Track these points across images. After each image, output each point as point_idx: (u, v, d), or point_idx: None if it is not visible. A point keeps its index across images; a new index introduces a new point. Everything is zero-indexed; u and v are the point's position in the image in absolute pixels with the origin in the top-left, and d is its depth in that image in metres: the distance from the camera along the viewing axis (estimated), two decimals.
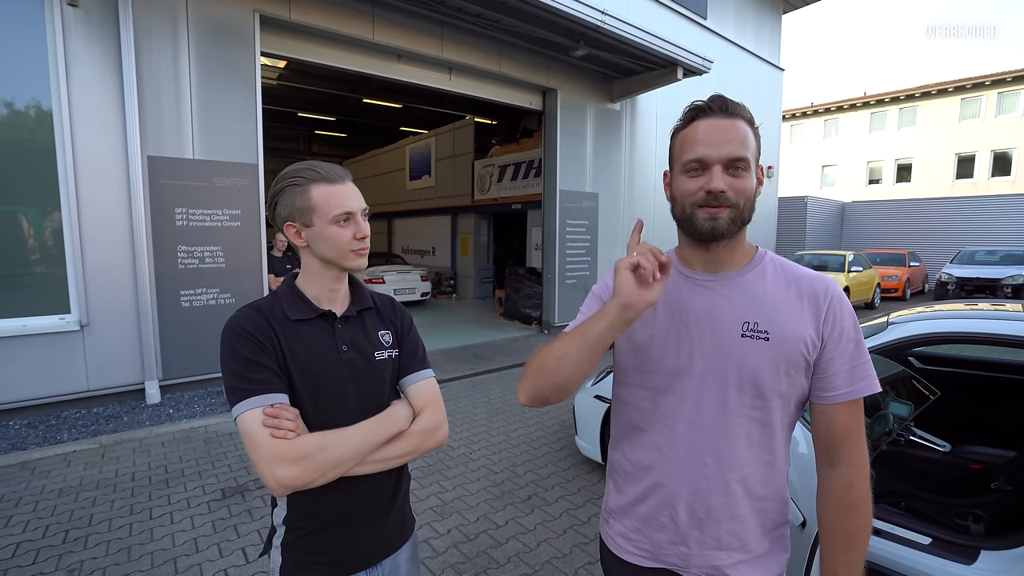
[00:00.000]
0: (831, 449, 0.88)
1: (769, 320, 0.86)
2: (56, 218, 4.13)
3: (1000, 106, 18.96)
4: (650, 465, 0.94)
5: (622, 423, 1.01)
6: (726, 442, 0.88)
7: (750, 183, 0.85)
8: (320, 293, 1.00)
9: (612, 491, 1.04)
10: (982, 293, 11.04)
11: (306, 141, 21.07)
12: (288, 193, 0.94)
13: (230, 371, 0.89)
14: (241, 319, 0.93)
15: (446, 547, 2.52)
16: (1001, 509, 1.89)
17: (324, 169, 0.96)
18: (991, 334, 1.77)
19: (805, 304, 0.87)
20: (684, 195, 0.87)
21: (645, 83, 8.09)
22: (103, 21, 4.17)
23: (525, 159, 10.81)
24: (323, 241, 0.95)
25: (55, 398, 4.16)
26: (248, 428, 0.85)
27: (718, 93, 0.88)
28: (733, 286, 0.90)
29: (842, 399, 0.86)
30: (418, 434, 1.00)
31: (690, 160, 0.85)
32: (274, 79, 11.18)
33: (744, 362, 0.86)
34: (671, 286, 0.94)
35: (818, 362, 0.86)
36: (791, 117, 24.03)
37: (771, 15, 12.47)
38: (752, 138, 0.86)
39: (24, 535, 2.55)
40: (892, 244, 16.55)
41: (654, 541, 0.95)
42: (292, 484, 0.84)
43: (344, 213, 0.94)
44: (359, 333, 1.02)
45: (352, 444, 0.90)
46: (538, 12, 5.79)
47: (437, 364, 6.16)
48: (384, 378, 1.03)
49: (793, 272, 0.91)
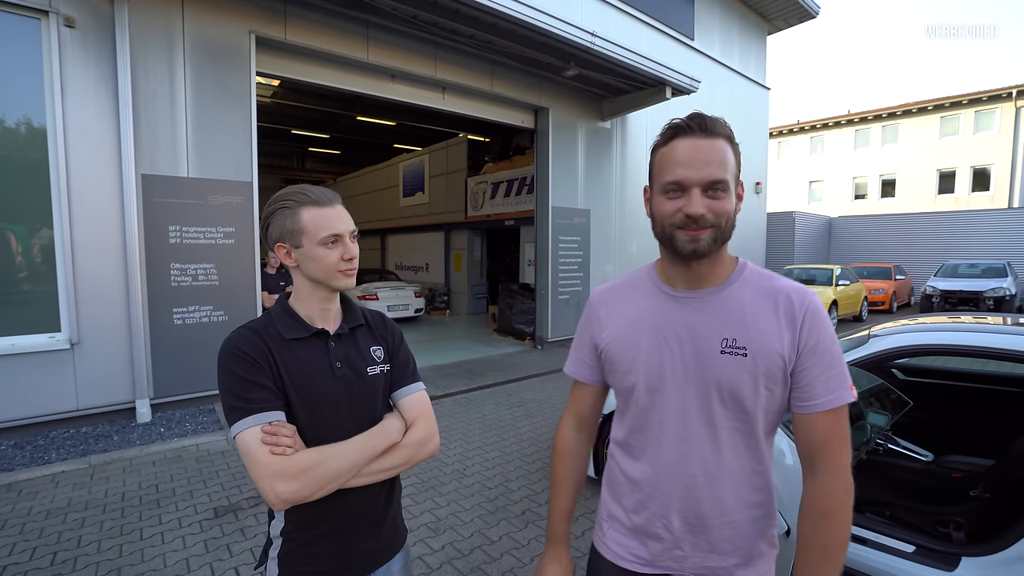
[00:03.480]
0: (811, 459, 0.89)
1: (747, 336, 0.88)
2: (48, 236, 4.13)
3: (977, 124, 19.54)
4: (642, 479, 0.97)
5: (617, 436, 1.05)
6: (714, 455, 0.90)
7: (729, 204, 0.86)
8: (312, 312, 1.03)
9: (608, 499, 1.06)
10: (966, 305, 11.25)
11: (300, 158, 21.16)
12: (279, 215, 0.98)
13: (228, 391, 0.92)
14: (238, 340, 0.96)
15: (440, 563, 2.51)
16: (981, 516, 1.94)
17: (314, 192, 1.00)
18: (970, 346, 1.83)
19: (782, 316, 0.88)
20: (663, 216, 0.88)
21: (634, 102, 8.28)
22: (99, 41, 4.23)
23: (518, 176, 10.95)
24: (312, 262, 0.98)
25: (43, 417, 4.11)
26: (247, 446, 0.88)
27: (697, 111, 0.89)
28: (712, 302, 0.92)
29: (820, 408, 0.86)
30: (410, 446, 1.03)
31: (669, 182, 0.86)
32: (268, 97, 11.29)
33: (725, 377, 0.88)
34: (653, 304, 0.97)
35: (795, 372, 0.87)
36: (778, 134, 24.60)
37: (756, 36, 12.85)
38: (731, 157, 0.86)
39: (11, 558, 2.51)
40: (878, 258, 16.84)
41: (651, 549, 0.98)
42: (292, 499, 0.88)
43: (332, 235, 0.98)
44: (352, 350, 1.06)
45: (348, 458, 0.94)
46: (529, 34, 5.95)
47: (431, 380, 6.15)
48: (377, 392, 1.06)
49: (771, 284, 0.92)
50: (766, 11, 12.67)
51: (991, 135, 19.19)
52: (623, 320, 0.99)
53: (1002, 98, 18.74)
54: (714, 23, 11.28)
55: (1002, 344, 1.77)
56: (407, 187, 15.35)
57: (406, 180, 15.43)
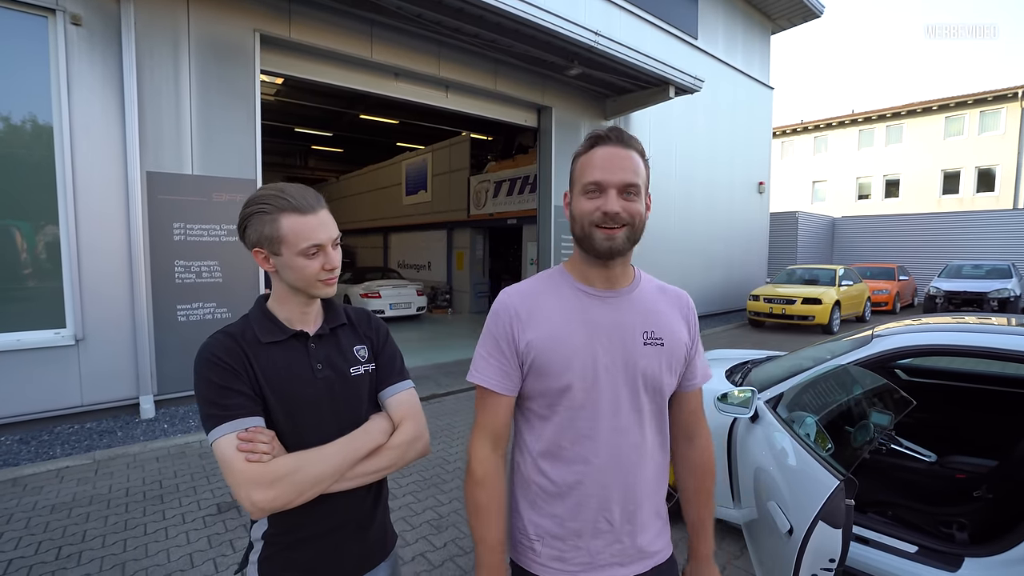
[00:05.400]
0: (689, 427, 1.11)
1: (662, 328, 1.00)
2: (53, 232, 4.15)
3: (982, 124, 19.45)
4: (577, 480, 0.97)
5: (540, 444, 1.01)
6: (640, 438, 0.99)
7: (641, 207, 0.95)
8: (291, 315, 1.00)
9: (533, 516, 1.01)
10: (969, 306, 11.20)
11: (303, 156, 21.21)
12: (257, 220, 0.93)
13: (203, 399, 0.89)
14: (212, 346, 0.93)
15: (442, 560, 2.52)
16: (984, 517, 1.94)
17: (295, 197, 0.93)
18: (974, 347, 1.83)
19: (677, 312, 1.05)
20: (582, 214, 0.95)
21: (638, 101, 8.27)
22: (106, 40, 4.25)
23: (520, 175, 10.95)
24: (291, 271, 0.94)
25: (48, 413, 4.14)
26: (223, 453, 0.85)
27: (615, 126, 0.98)
28: (629, 300, 1.01)
29: (697, 385, 1.08)
30: (398, 447, 1.00)
31: (589, 182, 0.94)
32: (272, 95, 11.32)
33: (648, 366, 0.98)
34: (578, 303, 0.99)
35: (687, 357, 1.05)
36: (781, 134, 24.52)
37: (760, 35, 12.81)
38: (643, 168, 0.96)
39: (16, 552, 2.53)
40: (881, 258, 16.79)
41: (591, 550, 0.97)
42: (270, 506, 0.85)
43: (313, 246, 0.93)
44: (333, 350, 1.02)
45: (329, 462, 0.91)
46: (533, 33, 5.95)
47: (433, 378, 6.17)
48: (361, 394, 1.03)
49: (661, 285, 1.09)
50: (770, 10, 12.63)
51: (996, 135, 19.09)
52: (550, 320, 0.97)
53: (1008, 98, 18.64)
54: (718, 22, 11.26)
55: (1006, 345, 1.76)
56: (410, 185, 15.37)
57: (409, 178, 15.45)
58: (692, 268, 11.00)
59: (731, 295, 12.44)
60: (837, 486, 1.31)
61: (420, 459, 1.04)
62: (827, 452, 1.60)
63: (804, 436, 1.68)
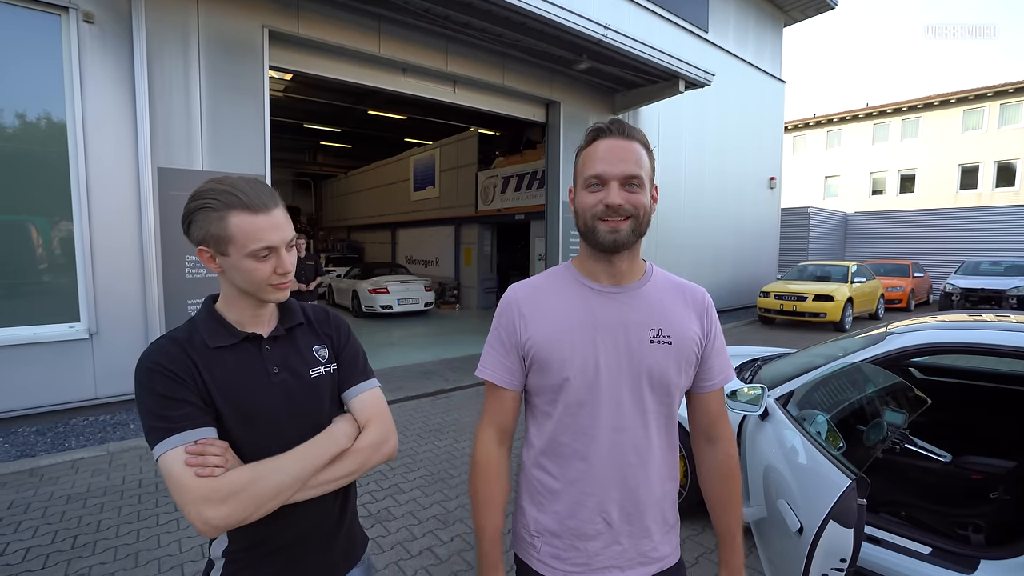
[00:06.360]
0: (710, 429, 1.05)
1: (670, 326, 0.97)
2: (67, 228, 4.21)
3: (1003, 117, 19.01)
4: (577, 478, 0.97)
5: (541, 441, 1.02)
6: (644, 439, 0.97)
7: (645, 198, 0.93)
8: (242, 317, 0.93)
9: (533, 513, 1.03)
10: (987, 304, 10.99)
11: (311, 152, 21.31)
12: (203, 216, 0.85)
13: (146, 411, 0.82)
14: (154, 353, 0.86)
15: (449, 555, 2.53)
16: (1001, 519, 1.90)
17: (246, 193, 0.85)
18: (991, 345, 1.79)
19: (691, 309, 1.01)
20: (585, 208, 0.95)
21: (647, 95, 8.19)
22: (117, 37, 4.28)
23: (528, 170, 10.90)
24: (239, 273, 0.87)
25: (63, 405, 4.21)
26: (170, 469, 0.78)
27: (617, 117, 0.95)
28: (636, 297, 0.98)
29: (716, 386, 1.02)
30: (363, 450, 0.94)
31: (590, 176, 0.93)
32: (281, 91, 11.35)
33: (655, 365, 0.95)
34: (581, 300, 0.98)
35: (701, 356, 1.01)
36: (793, 128, 24.17)
37: (772, 28, 12.62)
38: (647, 159, 0.94)
39: (33, 540, 2.58)
40: (896, 255, 16.52)
41: (588, 551, 0.97)
42: (224, 524, 0.78)
43: (264, 248, 0.85)
44: (291, 352, 0.96)
45: (288, 472, 0.84)
46: (541, 27, 5.90)
47: (441, 374, 6.19)
48: (322, 396, 0.97)
49: (676, 281, 1.04)
50: (783, 2, 12.43)
51: (1018, 128, 18.65)
52: (551, 316, 0.98)
53: None
54: (729, 15, 11.09)
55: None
56: (418, 181, 15.39)
57: (417, 174, 15.46)
58: (702, 264, 10.90)
59: (741, 292, 12.32)
60: (849, 485, 1.29)
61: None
62: (838, 451, 1.58)
63: (815, 434, 1.65)
